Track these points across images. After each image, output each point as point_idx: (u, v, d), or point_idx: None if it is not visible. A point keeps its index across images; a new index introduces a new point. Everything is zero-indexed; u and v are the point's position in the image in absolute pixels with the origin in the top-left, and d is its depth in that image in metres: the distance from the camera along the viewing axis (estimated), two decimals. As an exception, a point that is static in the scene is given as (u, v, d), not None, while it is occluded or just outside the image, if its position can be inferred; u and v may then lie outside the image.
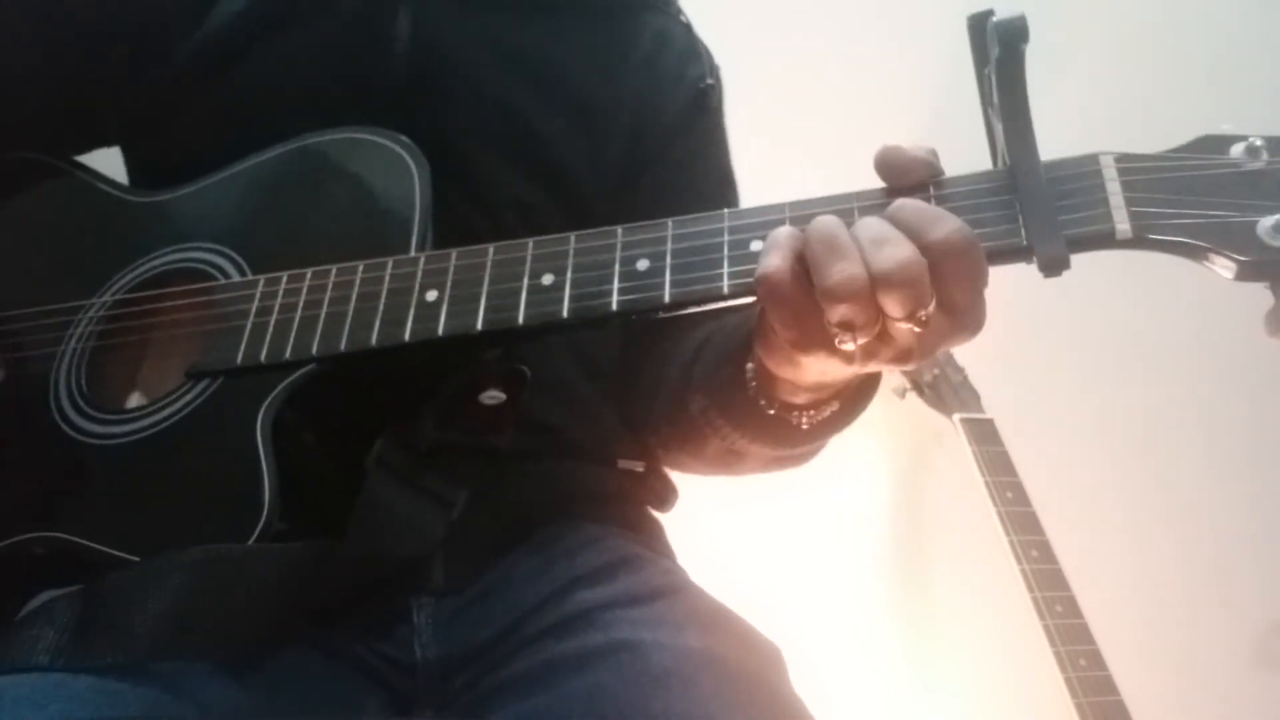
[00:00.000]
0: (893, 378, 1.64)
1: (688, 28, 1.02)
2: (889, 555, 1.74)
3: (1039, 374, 1.71)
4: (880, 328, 0.57)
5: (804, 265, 0.58)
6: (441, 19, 0.88)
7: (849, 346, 0.57)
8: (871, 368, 0.61)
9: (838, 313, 0.56)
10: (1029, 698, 1.49)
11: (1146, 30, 1.83)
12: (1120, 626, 1.42)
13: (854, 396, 0.70)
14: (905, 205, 0.58)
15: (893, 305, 0.55)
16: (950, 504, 1.68)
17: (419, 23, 0.87)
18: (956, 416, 1.58)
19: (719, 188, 0.97)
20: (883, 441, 1.72)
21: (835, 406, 0.69)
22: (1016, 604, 1.42)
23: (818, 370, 0.63)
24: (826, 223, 0.58)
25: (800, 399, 0.68)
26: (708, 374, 0.77)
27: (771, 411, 0.70)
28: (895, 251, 0.55)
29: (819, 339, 0.58)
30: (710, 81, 0.98)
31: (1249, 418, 1.82)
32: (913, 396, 1.63)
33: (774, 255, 0.58)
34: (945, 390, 1.61)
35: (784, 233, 0.59)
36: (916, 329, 0.56)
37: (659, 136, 0.94)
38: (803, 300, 0.57)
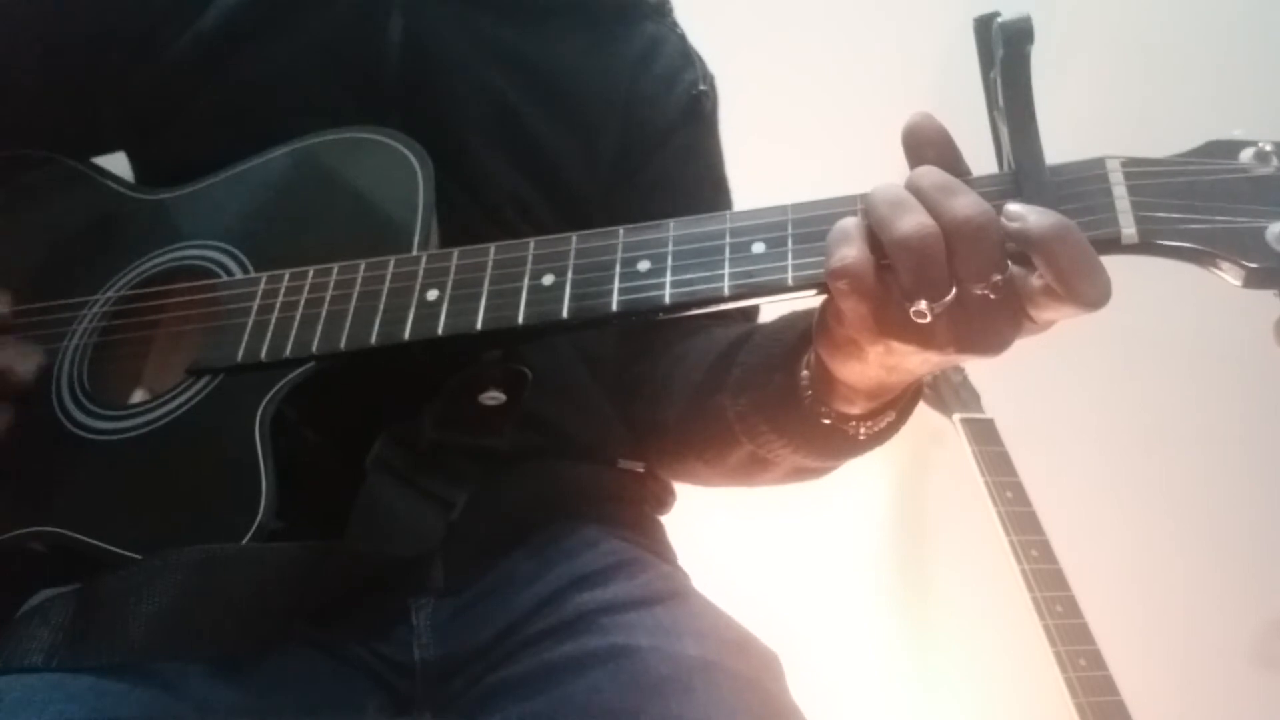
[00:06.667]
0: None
1: (682, 37, 1.02)
2: (889, 555, 1.74)
3: (1039, 374, 1.71)
4: (955, 294, 0.55)
5: (875, 253, 0.56)
6: (433, 20, 0.89)
7: (927, 318, 0.55)
8: (952, 355, 0.58)
9: (909, 265, 0.54)
10: (1029, 698, 1.49)
11: (1155, 34, 1.82)
12: (1120, 626, 1.42)
13: (905, 408, 0.68)
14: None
15: (965, 258, 0.54)
16: (950, 504, 1.68)
17: (411, 24, 0.88)
18: (956, 416, 1.58)
19: (711, 193, 0.97)
20: (883, 442, 1.71)
21: (891, 417, 0.68)
22: (1016, 604, 1.42)
23: (884, 366, 0.60)
24: (887, 185, 0.57)
25: (856, 408, 0.66)
26: (753, 379, 0.74)
27: (826, 421, 0.68)
28: (966, 199, 0.54)
29: (897, 316, 0.56)
30: (703, 89, 0.98)
31: (1249, 418, 1.81)
32: (913, 396, 1.63)
33: (848, 247, 0.56)
34: (945, 390, 1.61)
35: (852, 223, 0.57)
36: (992, 295, 0.54)
37: (651, 139, 0.94)
38: (879, 283, 0.56)
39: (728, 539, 1.53)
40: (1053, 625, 1.39)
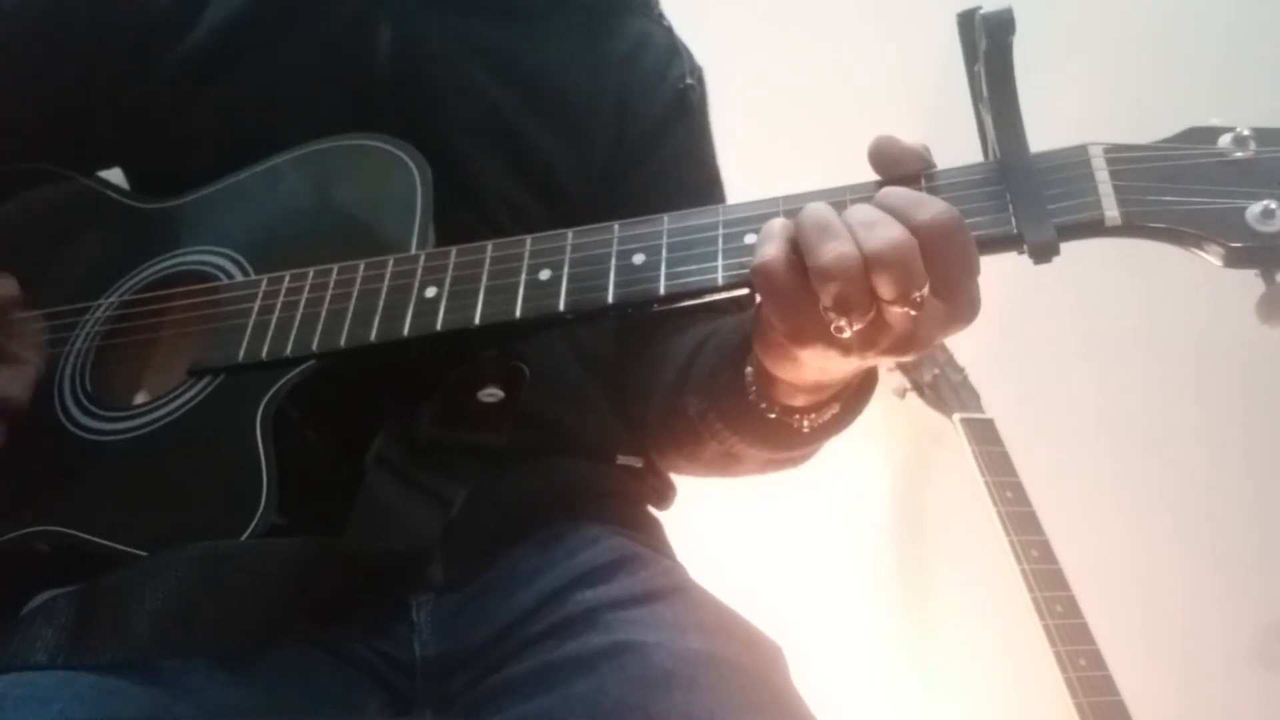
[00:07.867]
0: (893, 379, 1.65)
1: (669, 30, 1.03)
2: (889, 555, 1.74)
3: (1039, 374, 1.71)
4: (875, 313, 0.57)
5: (798, 255, 0.58)
6: (423, 27, 0.89)
7: (845, 334, 0.57)
8: (870, 359, 0.62)
9: (831, 292, 0.56)
10: (1029, 698, 1.49)
11: (1136, 27, 1.84)
12: (1120, 626, 1.42)
13: (853, 398, 0.70)
14: (891, 191, 0.60)
15: (886, 286, 0.56)
16: (950, 504, 1.68)
17: (401, 32, 0.88)
18: (956, 416, 1.58)
19: (705, 186, 0.98)
20: (883, 442, 1.72)
21: (835, 409, 0.70)
22: (1016, 604, 1.42)
23: (816, 367, 0.63)
24: (817, 207, 0.59)
25: (799, 401, 0.68)
26: (706, 378, 0.77)
27: (772, 416, 0.70)
28: (886, 231, 0.56)
29: (815, 328, 0.59)
30: (691, 81, 0.99)
31: (1249, 418, 1.82)
32: (913, 397, 1.64)
33: (769, 245, 0.59)
34: (945, 390, 1.61)
35: (778, 223, 0.60)
36: (911, 311, 0.56)
37: (643, 136, 0.95)
38: (798, 288, 0.58)
39: (728, 539, 1.53)
40: (1053, 625, 1.39)
